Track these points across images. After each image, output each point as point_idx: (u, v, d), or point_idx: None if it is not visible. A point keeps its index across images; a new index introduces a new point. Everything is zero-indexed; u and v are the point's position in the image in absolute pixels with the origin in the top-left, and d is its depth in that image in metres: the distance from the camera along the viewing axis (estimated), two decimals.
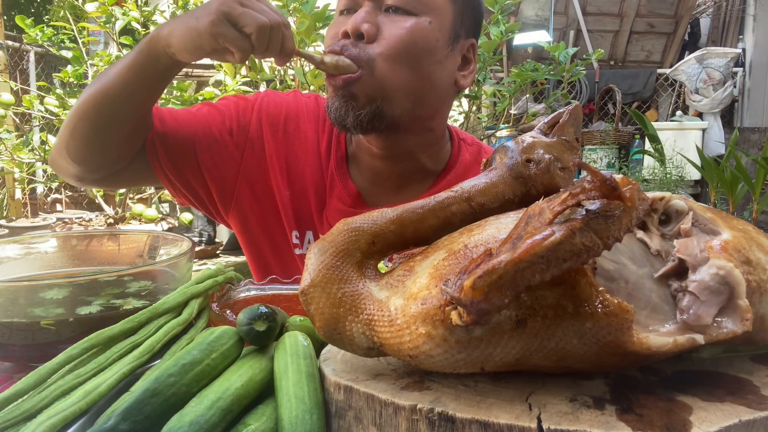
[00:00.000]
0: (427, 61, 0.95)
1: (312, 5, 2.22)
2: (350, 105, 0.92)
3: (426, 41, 0.94)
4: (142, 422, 0.44)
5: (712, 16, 6.38)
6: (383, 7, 0.94)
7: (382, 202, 1.04)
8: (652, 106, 6.17)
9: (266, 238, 1.10)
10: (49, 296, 0.67)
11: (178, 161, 1.03)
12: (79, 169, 1.00)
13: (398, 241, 0.49)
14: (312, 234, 1.07)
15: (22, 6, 7.64)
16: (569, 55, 2.86)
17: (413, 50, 0.93)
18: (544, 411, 0.40)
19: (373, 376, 0.47)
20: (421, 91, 0.96)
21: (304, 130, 1.08)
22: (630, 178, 0.38)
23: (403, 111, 0.95)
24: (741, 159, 1.60)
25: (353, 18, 0.92)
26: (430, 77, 0.97)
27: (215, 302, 0.72)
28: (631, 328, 0.40)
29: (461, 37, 1.00)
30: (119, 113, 0.94)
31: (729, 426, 0.38)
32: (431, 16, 0.94)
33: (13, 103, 3.31)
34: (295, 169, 1.07)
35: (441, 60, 0.97)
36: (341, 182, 1.05)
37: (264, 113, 1.08)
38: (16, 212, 4.32)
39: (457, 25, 0.98)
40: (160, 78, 0.94)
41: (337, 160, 1.06)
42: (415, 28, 0.93)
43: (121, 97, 0.92)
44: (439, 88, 0.99)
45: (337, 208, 1.05)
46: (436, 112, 1.03)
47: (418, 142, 1.02)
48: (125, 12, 3.15)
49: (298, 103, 1.10)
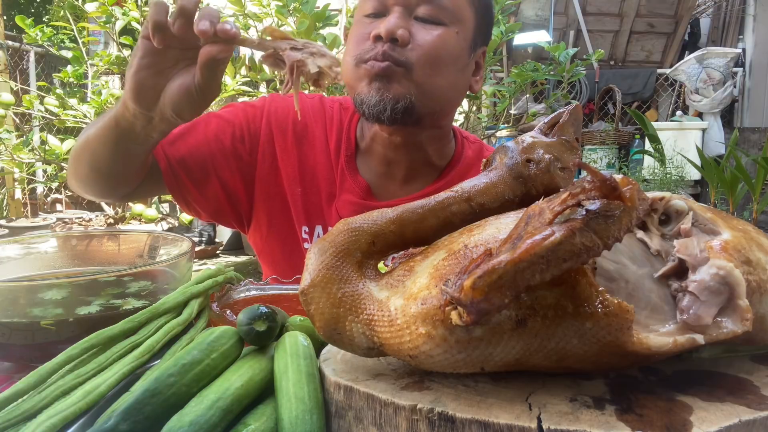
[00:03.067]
0: (453, 68, 1.00)
1: (312, 5, 2.22)
2: (387, 99, 0.95)
3: (454, 50, 0.99)
4: (142, 422, 0.44)
5: (712, 16, 6.38)
6: (413, 14, 0.97)
7: (390, 194, 1.11)
8: (652, 106, 6.17)
9: (276, 236, 1.14)
10: (49, 296, 0.67)
11: (203, 190, 1.06)
12: (90, 195, 1.05)
13: (398, 241, 0.49)
14: (321, 228, 1.11)
15: (22, 6, 7.64)
16: (569, 55, 2.86)
17: (443, 58, 0.97)
18: (544, 411, 0.40)
19: (373, 376, 0.47)
20: (447, 95, 1.02)
21: (312, 130, 1.12)
22: (630, 178, 0.38)
23: (429, 111, 1.00)
24: (741, 159, 1.61)
25: (387, 23, 0.94)
26: (455, 84, 1.03)
27: (215, 302, 0.72)
28: (631, 328, 0.40)
29: (478, 46, 1.06)
30: (112, 166, 0.93)
31: (729, 426, 0.38)
32: (458, 27, 0.99)
33: (13, 103, 3.31)
34: (306, 167, 1.11)
35: (463, 68, 1.03)
36: (351, 177, 1.09)
37: (272, 118, 1.11)
38: (16, 212, 4.32)
39: (476, 34, 1.04)
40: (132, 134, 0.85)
41: (347, 157, 1.10)
42: (445, 37, 0.97)
43: (110, 157, 0.90)
44: (459, 93, 1.07)
45: (348, 200, 1.09)
46: (450, 111, 1.11)
47: (429, 135, 1.07)
48: (125, 12, 3.15)
49: (303, 105, 1.13)
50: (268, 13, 2.59)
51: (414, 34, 0.95)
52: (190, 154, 1.04)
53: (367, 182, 1.09)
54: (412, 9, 0.96)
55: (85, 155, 0.95)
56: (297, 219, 1.11)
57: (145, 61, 0.74)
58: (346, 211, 1.07)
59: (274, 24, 2.54)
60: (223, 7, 2.72)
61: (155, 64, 0.75)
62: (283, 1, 2.27)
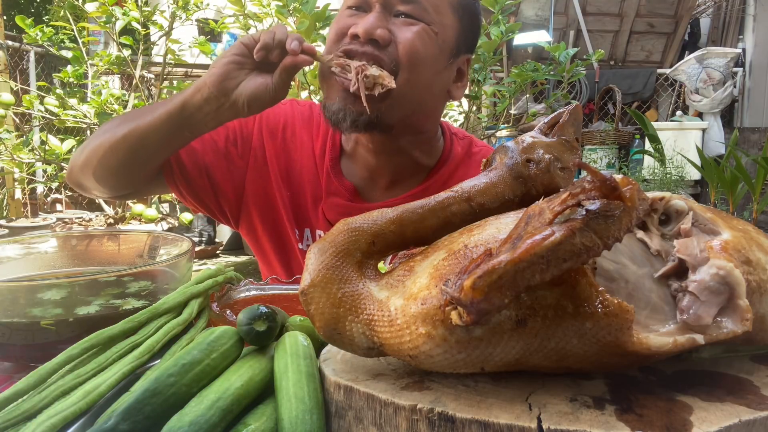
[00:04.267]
0: (429, 69, 0.97)
1: (312, 5, 2.22)
2: (349, 110, 0.93)
3: (431, 49, 0.96)
4: (142, 422, 0.44)
5: (712, 16, 6.38)
6: (393, 11, 0.95)
7: (377, 196, 1.10)
8: (652, 106, 6.17)
9: (269, 238, 1.15)
10: (49, 296, 0.67)
11: (194, 185, 1.10)
12: (101, 190, 1.07)
13: (398, 241, 0.49)
14: (309, 231, 1.12)
15: (22, 6, 7.64)
16: (569, 55, 2.86)
17: (420, 54, 0.95)
18: (544, 411, 0.40)
19: (373, 376, 0.47)
20: (420, 98, 0.99)
21: (299, 136, 1.14)
22: (630, 178, 0.38)
23: (399, 117, 0.97)
24: (741, 159, 1.61)
25: (365, 22, 0.93)
26: (429, 86, 1.00)
27: (215, 302, 0.72)
28: (631, 328, 0.40)
29: (461, 53, 1.04)
30: (152, 155, 1.00)
31: (729, 426, 0.38)
32: (438, 28, 0.97)
33: (13, 103, 3.31)
34: (293, 171, 1.12)
35: (440, 70, 1.00)
36: (337, 180, 1.10)
37: (264, 123, 1.14)
38: (16, 212, 4.31)
39: (459, 40, 1.02)
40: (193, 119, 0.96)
41: (332, 160, 1.11)
42: (423, 35, 0.95)
43: (156, 145, 0.98)
44: (434, 97, 1.03)
45: (335, 203, 1.09)
46: (428, 117, 1.07)
47: (410, 140, 1.06)
48: (125, 12, 3.15)
49: (293, 112, 1.16)
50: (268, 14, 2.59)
51: (394, 33, 0.94)
52: (185, 151, 1.07)
53: (354, 184, 1.10)
54: (392, 7, 0.95)
55: (122, 146, 0.97)
56: (288, 222, 1.12)
57: (237, 59, 0.90)
58: (332, 214, 1.08)
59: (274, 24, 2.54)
60: (223, 7, 2.72)
61: (244, 63, 0.90)
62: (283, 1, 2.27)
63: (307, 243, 1.11)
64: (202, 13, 3.54)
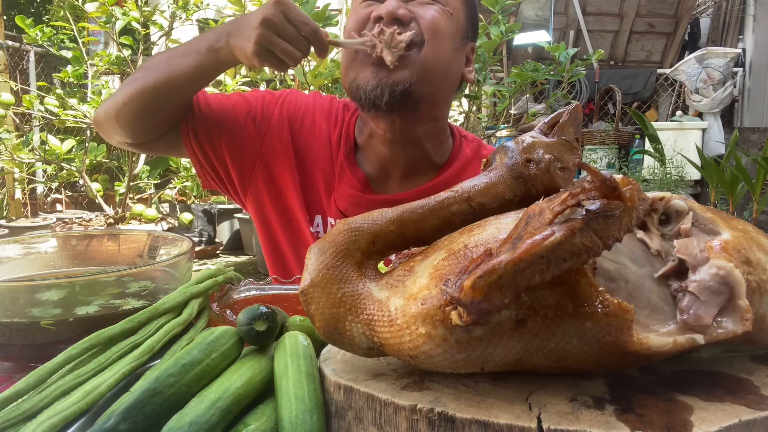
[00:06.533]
0: (451, 45, 1.04)
1: (312, 5, 2.22)
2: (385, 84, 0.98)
3: (450, 27, 1.03)
4: (142, 422, 0.44)
5: (712, 16, 6.38)
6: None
7: (388, 188, 1.14)
8: (652, 106, 6.17)
9: (279, 219, 1.18)
10: (49, 296, 0.67)
11: (203, 143, 1.14)
12: (123, 134, 1.12)
13: (398, 241, 0.49)
14: (321, 218, 1.15)
15: (22, 6, 7.65)
16: (569, 55, 2.86)
17: (444, 32, 1.02)
18: (544, 411, 0.40)
19: (373, 376, 0.47)
20: (445, 73, 1.05)
21: (318, 124, 1.18)
22: (630, 178, 0.38)
23: (428, 92, 1.02)
24: (741, 159, 1.61)
25: (387, 3, 0.98)
26: (451, 64, 1.06)
27: (215, 302, 0.72)
28: (631, 328, 0.40)
29: (468, 38, 1.10)
30: (176, 99, 1.07)
31: (729, 426, 0.38)
32: (451, 9, 1.04)
33: (13, 103, 3.31)
34: (308, 158, 1.16)
35: (458, 49, 1.07)
36: (350, 170, 1.13)
37: (286, 107, 1.18)
38: (16, 212, 4.32)
39: (467, 25, 1.09)
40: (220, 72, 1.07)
41: (347, 151, 1.14)
42: (442, 13, 1.02)
43: (182, 89, 1.05)
44: (454, 77, 1.09)
45: (346, 192, 1.12)
46: (445, 100, 1.12)
47: (424, 130, 1.09)
48: (125, 12, 3.15)
49: (315, 103, 1.21)
50: None
51: (414, 11, 1.00)
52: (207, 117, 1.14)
53: (366, 175, 1.12)
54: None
55: (156, 92, 1.04)
56: (299, 205, 1.15)
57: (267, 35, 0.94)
58: (343, 203, 1.11)
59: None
60: (223, 7, 2.72)
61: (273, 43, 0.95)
62: None
63: (317, 228, 1.14)
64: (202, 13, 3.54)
